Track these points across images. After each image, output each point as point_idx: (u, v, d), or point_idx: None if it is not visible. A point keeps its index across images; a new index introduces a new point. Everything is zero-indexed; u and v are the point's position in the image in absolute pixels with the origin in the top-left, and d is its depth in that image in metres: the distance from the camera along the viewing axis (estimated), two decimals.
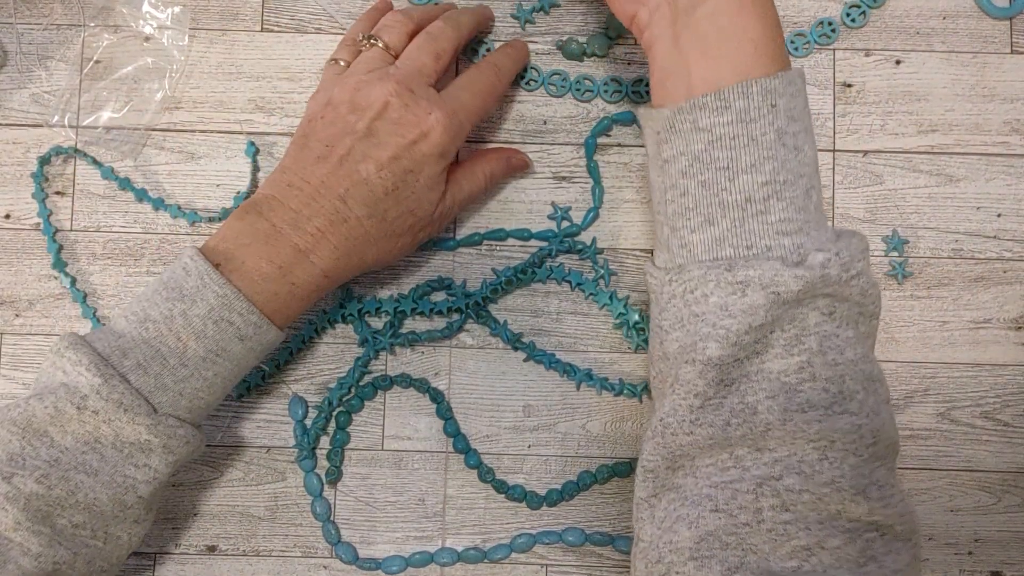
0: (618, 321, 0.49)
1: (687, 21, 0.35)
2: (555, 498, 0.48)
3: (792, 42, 0.49)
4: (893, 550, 0.34)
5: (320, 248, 0.40)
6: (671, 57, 0.36)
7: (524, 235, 0.49)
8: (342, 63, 0.44)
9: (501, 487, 0.48)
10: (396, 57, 0.43)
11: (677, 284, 0.35)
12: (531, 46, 0.50)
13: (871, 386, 0.34)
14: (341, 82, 0.42)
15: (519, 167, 0.49)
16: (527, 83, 0.50)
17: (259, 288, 0.40)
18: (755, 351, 0.34)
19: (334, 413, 0.49)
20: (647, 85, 0.49)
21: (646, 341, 0.48)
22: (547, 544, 0.48)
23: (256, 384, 0.49)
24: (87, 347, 0.38)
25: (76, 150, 0.50)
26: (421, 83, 0.42)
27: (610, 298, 0.48)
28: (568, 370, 0.48)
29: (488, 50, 0.50)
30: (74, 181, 0.50)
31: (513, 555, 0.48)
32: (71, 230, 0.50)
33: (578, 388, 0.49)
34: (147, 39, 0.50)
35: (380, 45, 0.43)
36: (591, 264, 0.49)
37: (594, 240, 0.49)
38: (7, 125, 0.50)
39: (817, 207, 0.35)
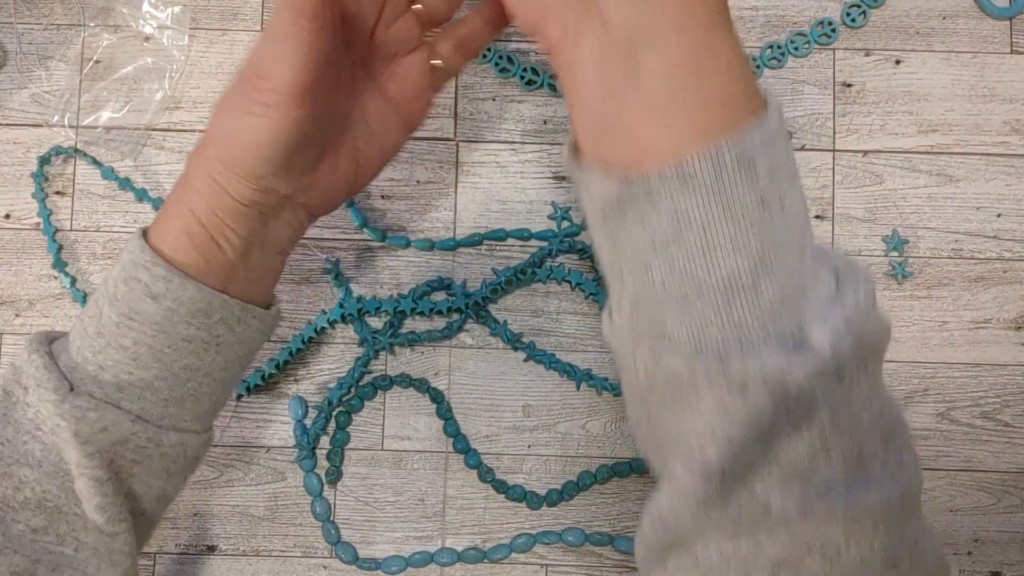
0: None
1: (629, 72, 0.27)
2: (555, 498, 0.48)
3: (792, 42, 0.49)
4: None
5: (193, 171, 0.35)
6: (604, 103, 0.28)
7: (524, 235, 0.49)
8: None
9: (501, 487, 0.48)
10: None
11: (654, 366, 0.28)
12: (531, 46, 0.50)
13: (892, 441, 0.30)
14: None
15: (497, 21, 0.37)
16: (527, 83, 0.50)
17: (168, 238, 0.35)
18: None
19: (334, 413, 0.49)
20: None
21: None
22: (547, 544, 0.48)
23: (256, 384, 0.49)
24: (40, 334, 0.36)
25: (76, 150, 0.50)
26: None
27: None
28: (568, 370, 0.48)
29: (489, 49, 0.50)
30: (74, 181, 0.50)
31: (513, 555, 0.48)
32: (71, 230, 0.50)
33: (578, 388, 0.49)
34: (147, 39, 0.50)
35: None
36: (591, 264, 0.49)
37: None
38: (7, 125, 0.50)
39: (814, 255, 0.28)
